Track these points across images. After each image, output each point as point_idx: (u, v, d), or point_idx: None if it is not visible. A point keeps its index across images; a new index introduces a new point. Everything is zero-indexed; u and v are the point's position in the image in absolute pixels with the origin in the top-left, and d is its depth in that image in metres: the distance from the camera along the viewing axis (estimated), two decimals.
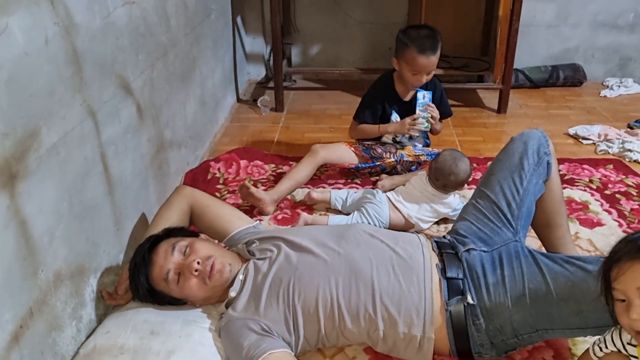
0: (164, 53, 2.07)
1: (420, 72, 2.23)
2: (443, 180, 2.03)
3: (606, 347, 1.17)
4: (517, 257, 1.45)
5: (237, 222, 1.71)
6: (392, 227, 2.03)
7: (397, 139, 2.45)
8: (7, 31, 1.11)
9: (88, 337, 1.46)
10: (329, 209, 2.22)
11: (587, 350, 1.24)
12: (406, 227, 2.05)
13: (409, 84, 2.32)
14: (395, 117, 2.40)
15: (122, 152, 1.69)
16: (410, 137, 2.42)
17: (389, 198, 2.10)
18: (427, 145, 2.51)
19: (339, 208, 2.20)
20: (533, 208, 1.65)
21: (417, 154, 2.41)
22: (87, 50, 1.45)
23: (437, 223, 2.13)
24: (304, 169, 2.30)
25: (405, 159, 2.40)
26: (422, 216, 2.07)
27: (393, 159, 2.41)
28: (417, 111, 2.31)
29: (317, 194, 2.23)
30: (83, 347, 1.41)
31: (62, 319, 1.36)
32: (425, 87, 2.33)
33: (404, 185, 2.19)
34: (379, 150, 2.42)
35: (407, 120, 2.33)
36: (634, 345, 1.10)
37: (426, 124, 2.32)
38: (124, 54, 1.70)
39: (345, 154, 2.43)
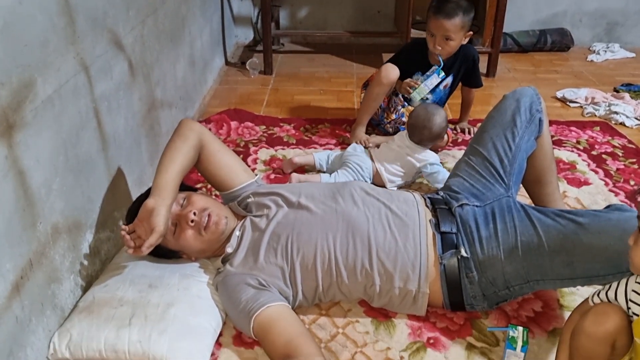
0: (153, 10, 2.03)
1: (434, 34, 2.24)
2: (418, 135, 2.08)
3: (606, 296, 1.17)
4: (509, 211, 1.48)
5: (242, 176, 1.67)
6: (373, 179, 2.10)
7: (408, 97, 2.46)
8: None
9: (86, 291, 1.47)
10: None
11: (586, 300, 1.25)
12: (376, 182, 2.09)
13: (431, 48, 2.31)
14: (417, 77, 2.39)
15: (115, 109, 1.68)
16: (424, 99, 2.43)
17: (370, 152, 2.14)
18: None
19: (325, 169, 2.21)
20: (524, 164, 1.67)
21: None
22: (79, 3, 1.42)
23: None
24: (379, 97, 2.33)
25: (402, 119, 2.42)
26: (391, 174, 2.09)
27: (394, 115, 2.43)
28: (420, 80, 2.33)
29: (299, 158, 2.22)
30: (82, 300, 1.42)
31: (61, 272, 1.37)
32: (455, 56, 2.33)
33: (386, 142, 2.22)
34: (391, 102, 2.45)
35: (406, 81, 2.35)
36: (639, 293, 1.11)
37: (420, 97, 2.34)
38: (115, 8, 1.67)
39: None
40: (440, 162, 2.16)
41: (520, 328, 1.27)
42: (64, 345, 1.31)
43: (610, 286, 1.17)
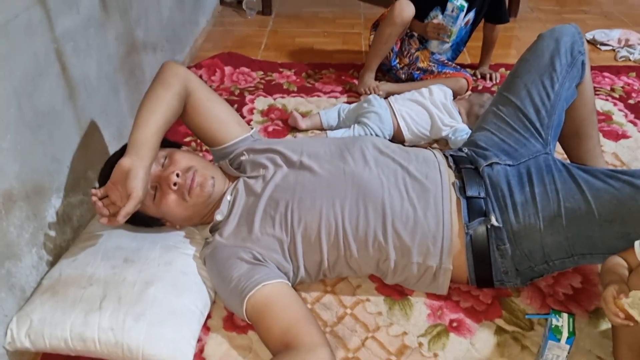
0: None
1: None
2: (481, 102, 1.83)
3: None
4: (548, 171, 1.25)
5: (235, 129, 1.43)
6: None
7: (425, 38, 2.19)
8: None
9: (54, 264, 1.26)
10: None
11: (631, 248, 1.06)
12: (396, 136, 1.84)
13: None
14: (435, 13, 2.12)
15: (84, 50, 1.43)
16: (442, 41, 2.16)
17: (390, 103, 1.87)
18: (449, 59, 2.25)
19: (334, 126, 1.95)
20: (563, 116, 1.43)
21: (431, 63, 2.16)
22: None
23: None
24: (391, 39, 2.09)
25: (417, 64, 2.15)
26: (414, 135, 1.85)
27: (407, 60, 2.16)
28: (441, 19, 2.06)
29: (306, 122, 1.94)
30: (47, 277, 1.22)
31: (19, 246, 1.16)
32: None
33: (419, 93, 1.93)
34: (404, 44, 2.18)
35: (431, 23, 2.08)
36: None
37: (450, 38, 2.08)
38: None
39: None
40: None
41: (565, 315, 1.06)
42: (23, 333, 1.11)
43: None
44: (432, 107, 1.84)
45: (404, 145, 1.44)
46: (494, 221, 1.21)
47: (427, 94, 1.89)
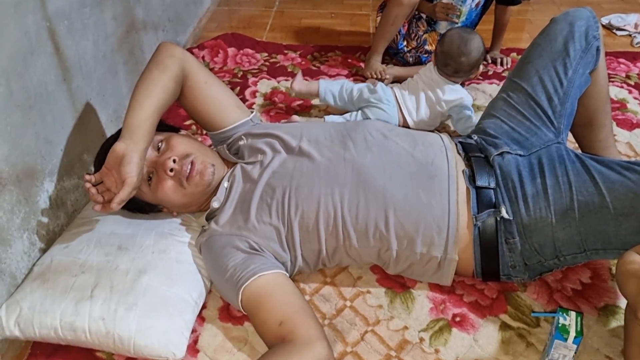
0: None
1: None
2: (454, 65, 1.70)
3: None
4: (561, 162, 1.20)
5: (235, 113, 1.39)
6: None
7: (434, 19, 2.12)
8: None
9: (45, 251, 1.23)
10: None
11: None
12: (403, 125, 1.77)
13: None
14: None
15: (79, 30, 1.38)
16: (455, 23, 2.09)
17: (395, 94, 1.79)
18: None
19: (331, 103, 1.82)
20: (576, 104, 1.37)
21: None
22: None
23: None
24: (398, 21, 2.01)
25: (425, 47, 2.08)
26: (419, 120, 1.77)
27: (415, 43, 2.09)
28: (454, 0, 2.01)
29: (302, 85, 1.80)
30: (38, 263, 1.18)
31: (9, 231, 1.12)
32: None
33: (411, 77, 1.86)
34: (412, 26, 2.11)
35: (440, 3, 2.01)
36: None
37: (459, 18, 2.02)
38: None
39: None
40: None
41: (573, 313, 1.01)
42: (12, 321, 1.08)
43: None
44: (423, 85, 1.77)
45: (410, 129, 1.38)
46: (504, 213, 1.15)
47: (417, 76, 1.81)
